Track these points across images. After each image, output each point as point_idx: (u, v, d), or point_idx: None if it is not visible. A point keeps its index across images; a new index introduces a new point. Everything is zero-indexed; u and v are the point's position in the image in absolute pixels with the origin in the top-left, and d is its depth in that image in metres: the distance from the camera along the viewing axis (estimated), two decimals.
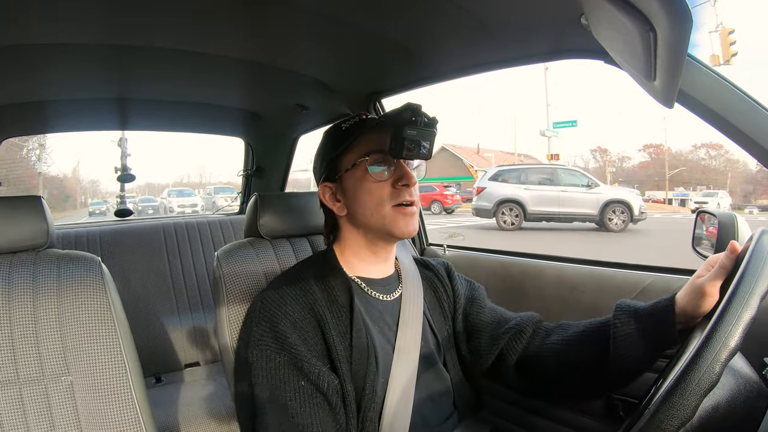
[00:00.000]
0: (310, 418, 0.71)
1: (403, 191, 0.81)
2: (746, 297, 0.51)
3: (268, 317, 0.76)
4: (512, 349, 0.88)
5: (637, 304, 0.78)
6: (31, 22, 1.01)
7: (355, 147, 0.83)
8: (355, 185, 0.83)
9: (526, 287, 1.34)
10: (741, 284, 0.53)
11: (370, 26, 1.08)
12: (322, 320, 0.77)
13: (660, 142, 33.38)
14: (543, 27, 0.95)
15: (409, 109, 0.78)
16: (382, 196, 0.81)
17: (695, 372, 0.47)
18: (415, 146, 0.78)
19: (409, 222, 0.82)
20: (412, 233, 0.83)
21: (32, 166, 22.25)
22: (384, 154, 0.81)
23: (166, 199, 19.63)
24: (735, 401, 0.57)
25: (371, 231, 0.84)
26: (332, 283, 0.82)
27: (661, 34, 0.51)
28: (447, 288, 0.95)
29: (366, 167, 0.81)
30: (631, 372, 0.77)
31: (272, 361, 0.73)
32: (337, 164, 0.85)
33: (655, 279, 1.08)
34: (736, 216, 0.82)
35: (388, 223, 0.81)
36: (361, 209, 0.83)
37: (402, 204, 0.81)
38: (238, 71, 1.46)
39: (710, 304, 0.68)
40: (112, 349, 0.85)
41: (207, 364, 1.94)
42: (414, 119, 0.77)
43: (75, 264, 0.89)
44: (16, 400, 0.79)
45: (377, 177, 0.81)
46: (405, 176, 0.81)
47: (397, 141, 0.77)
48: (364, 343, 0.79)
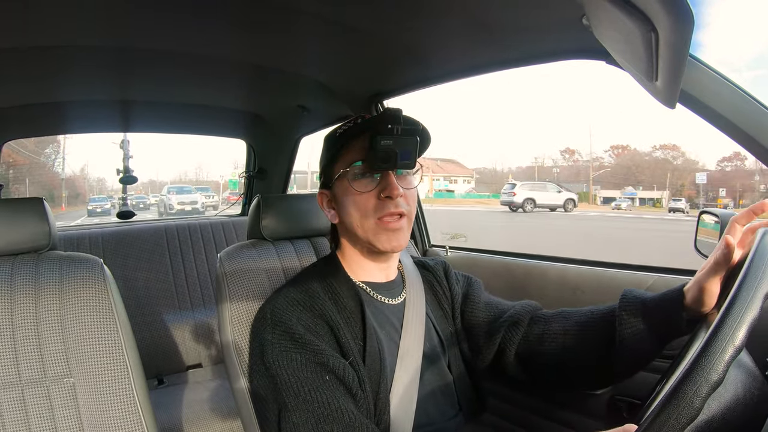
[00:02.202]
0: (343, 406, 0.68)
1: (387, 203, 0.77)
2: (749, 298, 0.51)
3: (281, 323, 0.73)
4: (510, 341, 0.87)
5: (644, 295, 0.77)
6: (33, 26, 1.01)
7: (343, 155, 0.80)
8: (342, 195, 0.81)
9: (528, 288, 1.34)
10: (743, 285, 0.52)
11: (371, 27, 1.08)
12: (334, 325, 0.75)
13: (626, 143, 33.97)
14: (544, 28, 0.95)
15: (385, 115, 0.75)
16: (366, 208, 0.78)
17: (698, 374, 0.47)
18: (390, 156, 0.74)
19: (392, 237, 0.78)
20: (397, 249, 0.80)
21: (54, 171, 25.77)
22: (367, 163, 0.77)
23: (165, 197, 18.80)
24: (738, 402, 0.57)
25: (359, 242, 0.82)
26: (339, 289, 0.81)
27: (663, 35, 0.51)
28: (445, 288, 0.95)
29: (350, 178, 0.79)
30: (638, 363, 0.77)
31: (294, 361, 0.70)
32: (330, 172, 0.83)
33: (657, 279, 1.07)
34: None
35: (371, 237, 0.79)
36: (349, 219, 0.81)
37: (387, 217, 0.78)
38: (239, 73, 1.47)
39: (710, 300, 0.68)
40: (115, 350, 0.85)
41: (209, 365, 1.94)
42: (390, 126, 0.74)
43: (77, 266, 0.89)
44: (18, 401, 0.79)
45: (360, 188, 0.78)
46: (388, 187, 0.76)
47: (371, 152, 0.74)
48: (375, 348, 0.78)
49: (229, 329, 0.90)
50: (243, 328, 0.88)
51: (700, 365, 0.47)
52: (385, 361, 0.79)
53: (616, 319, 0.76)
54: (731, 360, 0.47)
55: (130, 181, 2.53)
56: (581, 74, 54.54)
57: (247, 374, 0.85)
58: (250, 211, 1.07)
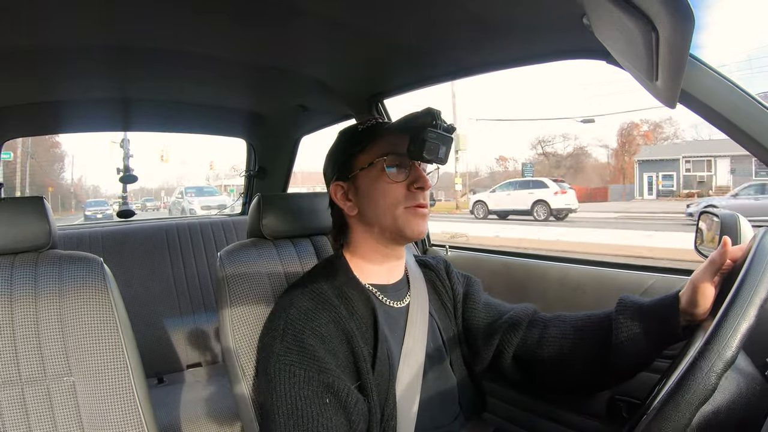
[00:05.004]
0: None
1: (417, 194, 0.81)
2: (744, 306, 0.51)
3: (293, 335, 0.73)
4: (508, 343, 0.88)
5: (640, 300, 0.78)
6: (33, 24, 1.01)
7: (373, 147, 0.83)
8: (369, 185, 0.82)
9: (529, 288, 1.34)
10: (740, 292, 0.52)
11: (371, 27, 1.08)
12: (349, 334, 0.75)
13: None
14: (545, 27, 0.94)
15: (430, 112, 0.79)
16: (396, 197, 0.81)
17: (690, 384, 0.47)
18: (434, 149, 0.78)
19: (420, 223, 0.82)
20: (422, 234, 0.84)
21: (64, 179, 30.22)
22: (401, 156, 0.81)
23: (183, 199, 16.08)
24: (737, 402, 0.57)
25: (382, 231, 0.83)
26: (350, 294, 0.80)
27: (663, 34, 0.51)
28: (447, 287, 0.95)
29: (383, 167, 0.81)
30: (635, 367, 0.77)
31: (296, 377, 0.69)
32: (352, 163, 0.84)
33: (658, 280, 1.07)
34: (739, 216, 0.82)
35: (401, 223, 0.81)
36: (374, 209, 0.82)
37: (416, 207, 0.81)
38: (240, 72, 1.47)
39: (706, 301, 0.69)
40: (115, 349, 0.85)
41: (209, 364, 1.94)
42: (435, 123, 0.78)
43: (77, 265, 0.89)
44: (18, 400, 0.79)
45: (393, 178, 0.81)
46: (420, 179, 0.81)
47: (417, 142, 0.77)
48: (386, 354, 0.78)
49: (230, 333, 0.90)
50: (244, 332, 0.88)
51: (693, 376, 0.47)
52: (394, 367, 0.79)
53: (613, 322, 0.78)
54: (724, 371, 0.47)
55: (130, 180, 2.53)
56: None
57: (247, 378, 0.85)
58: (250, 210, 1.07)
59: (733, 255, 0.69)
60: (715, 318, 0.51)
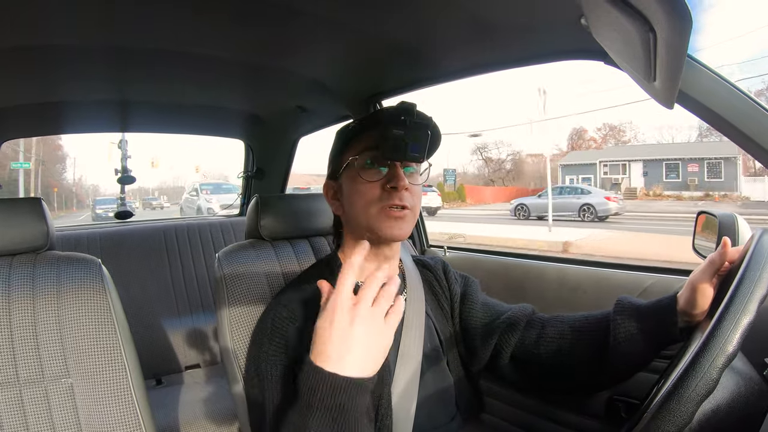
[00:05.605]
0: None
1: (392, 194, 0.78)
2: (744, 301, 0.51)
3: (281, 335, 0.72)
4: (506, 343, 0.87)
5: (638, 301, 0.78)
6: (33, 24, 1.01)
7: (354, 145, 0.82)
8: (349, 184, 0.82)
9: (527, 288, 1.34)
10: (740, 288, 0.53)
11: (370, 27, 1.08)
12: None
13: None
14: (543, 28, 0.95)
15: (399, 107, 0.76)
16: (371, 197, 0.78)
17: (692, 378, 0.47)
18: (401, 146, 0.75)
19: (394, 225, 0.78)
20: (400, 237, 0.80)
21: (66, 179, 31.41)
22: (377, 155, 0.78)
23: (198, 197, 14.45)
24: (736, 402, 0.57)
25: (362, 231, 0.81)
26: None
27: (661, 35, 0.51)
28: (444, 288, 0.95)
29: (357, 166, 0.80)
30: (632, 368, 0.77)
31: (285, 377, 0.69)
32: (339, 162, 0.84)
33: (656, 280, 1.08)
34: (737, 216, 0.82)
35: (374, 224, 0.78)
36: (352, 208, 0.81)
37: (390, 207, 0.78)
38: (238, 73, 1.47)
39: (705, 301, 0.69)
40: (113, 350, 0.85)
41: (207, 366, 1.94)
42: (402, 118, 0.75)
43: (75, 266, 0.89)
44: (16, 401, 0.79)
45: (367, 177, 0.79)
46: (394, 178, 0.77)
47: (383, 140, 0.75)
48: None
49: (228, 334, 0.89)
50: (242, 333, 0.88)
51: (694, 371, 0.48)
52: (388, 365, 0.78)
53: (611, 323, 0.77)
54: (725, 366, 0.47)
55: (129, 181, 2.53)
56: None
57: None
58: (248, 211, 1.07)
59: (730, 257, 0.69)
60: (716, 313, 0.51)
